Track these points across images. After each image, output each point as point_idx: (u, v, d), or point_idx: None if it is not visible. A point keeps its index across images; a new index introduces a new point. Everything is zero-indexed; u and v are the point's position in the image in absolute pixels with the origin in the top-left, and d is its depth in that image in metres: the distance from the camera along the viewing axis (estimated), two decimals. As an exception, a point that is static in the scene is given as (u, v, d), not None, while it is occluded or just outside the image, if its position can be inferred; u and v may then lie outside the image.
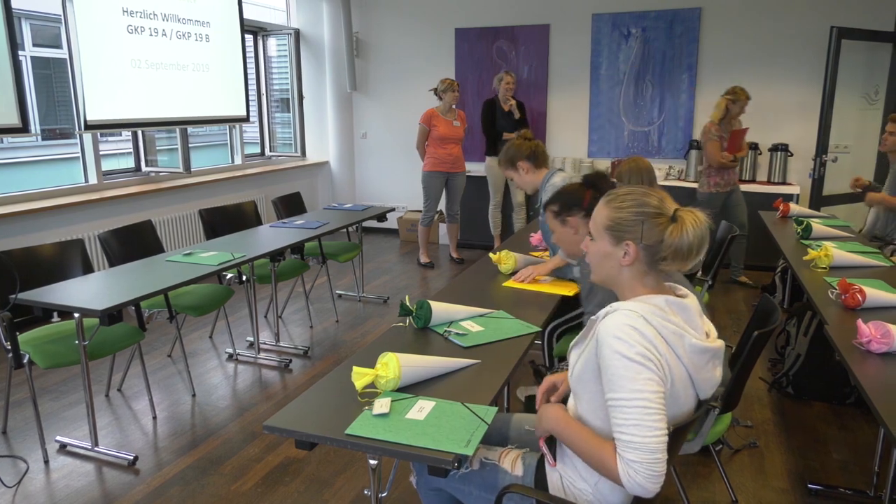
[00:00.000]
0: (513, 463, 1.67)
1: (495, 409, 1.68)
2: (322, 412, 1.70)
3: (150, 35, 5.15)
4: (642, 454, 1.29)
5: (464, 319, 2.34)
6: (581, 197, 2.29)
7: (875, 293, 2.53)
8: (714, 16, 6.00)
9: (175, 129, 5.75)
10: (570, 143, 6.68)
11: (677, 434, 1.44)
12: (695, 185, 5.89)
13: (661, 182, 5.92)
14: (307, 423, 1.63)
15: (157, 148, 5.94)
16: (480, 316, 2.40)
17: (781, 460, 2.89)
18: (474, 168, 6.36)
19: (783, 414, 3.31)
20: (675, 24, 6.09)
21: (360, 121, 7.58)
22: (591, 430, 1.46)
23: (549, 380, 1.81)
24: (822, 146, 5.30)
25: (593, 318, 1.46)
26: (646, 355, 1.32)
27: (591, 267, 1.56)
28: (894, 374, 1.97)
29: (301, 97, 7.53)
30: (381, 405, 1.65)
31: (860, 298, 2.47)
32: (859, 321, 2.15)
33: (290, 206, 4.94)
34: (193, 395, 3.53)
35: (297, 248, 4.32)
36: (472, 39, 6.83)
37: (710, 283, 3.31)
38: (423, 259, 6.20)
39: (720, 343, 1.47)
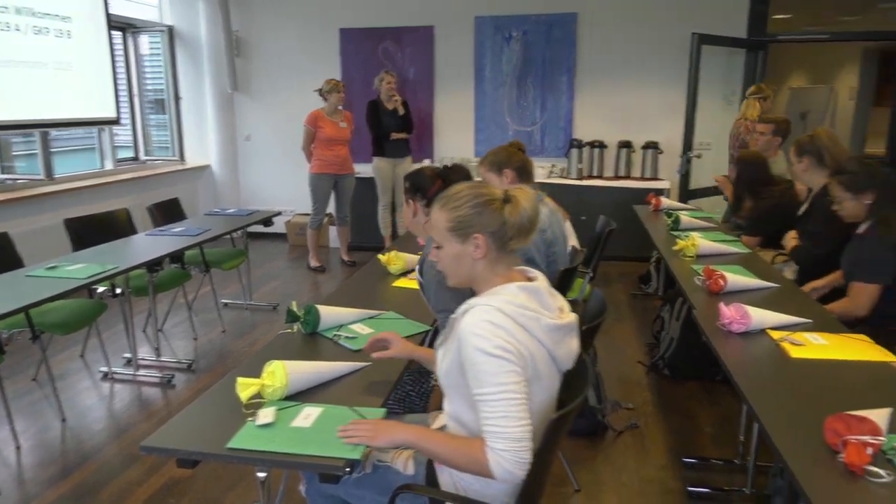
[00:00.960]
0: (405, 462, 1.67)
1: (383, 410, 1.68)
2: (206, 427, 1.62)
3: (2, 30, 4.71)
4: (510, 443, 1.37)
5: (354, 322, 2.32)
6: (430, 186, 2.33)
7: (735, 278, 2.75)
8: (589, 21, 6.29)
9: (34, 133, 5.29)
10: (456, 144, 6.78)
11: (562, 420, 1.50)
12: (577, 182, 6.17)
13: (544, 180, 6.15)
14: (189, 440, 1.55)
15: (14, 153, 5.45)
16: (371, 318, 2.38)
17: (660, 438, 3.08)
18: (362, 169, 6.32)
19: (661, 394, 3.53)
20: (554, 28, 6.33)
21: (242, 122, 7.32)
22: (447, 433, 1.53)
23: (382, 335, 1.85)
24: (687, 144, 5.70)
25: (453, 316, 1.51)
26: (505, 348, 1.39)
27: (446, 273, 1.60)
28: (752, 351, 2.16)
29: (178, 98, 7.16)
30: (266, 415, 1.60)
31: (722, 283, 2.68)
32: (721, 304, 2.32)
33: (168, 212, 4.68)
34: (63, 420, 3.26)
35: (177, 256, 4.10)
36: (357, 40, 6.78)
37: (591, 275, 3.46)
38: (314, 263, 6.08)
39: (573, 317, 1.57)
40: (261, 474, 1.61)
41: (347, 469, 1.43)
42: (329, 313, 2.27)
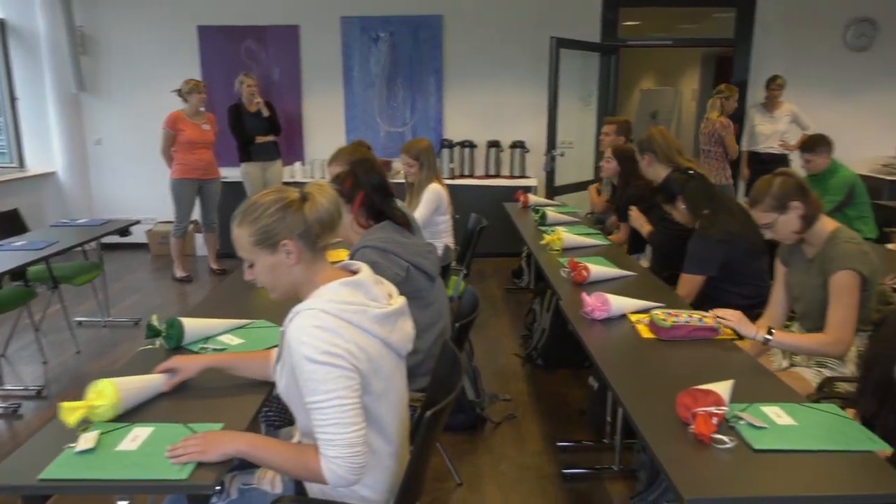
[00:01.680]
0: (272, 481, 1.61)
1: (220, 425, 1.59)
2: (49, 457, 1.48)
3: None
4: (342, 450, 1.37)
5: (222, 333, 2.21)
6: (343, 181, 2.29)
7: (597, 269, 2.92)
8: (454, 23, 6.42)
9: None
10: (327, 145, 6.62)
11: (436, 417, 1.52)
12: (449, 181, 6.27)
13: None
14: (11, 474, 1.42)
15: None
16: (241, 328, 2.28)
17: (536, 426, 3.20)
18: (230, 173, 6.06)
19: (535, 384, 3.67)
20: (420, 29, 6.40)
21: (92, 125, 6.77)
22: (282, 441, 1.51)
23: (174, 360, 1.80)
24: (551, 143, 5.97)
25: (281, 329, 1.48)
26: (332, 352, 1.37)
27: (268, 288, 1.54)
28: (613, 336, 2.30)
29: (14, 98, 6.51)
30: (86, 440, 1.48)
31: (585, 274, 2.83)
32: (584, 294, 2.46)
33: (7, 225, 4.24)
34: None
35: (19, 273, 3.72)
36: (218, 39, 6.48)
37: (465, 272, 3.54)
38: (179, 273, 5.75)
39: (401, 301, 1.58)
40: (121, 503, 1.50)
41: (217, 489, 1.37)
42: (195, 326, 2.15)
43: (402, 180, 4.12)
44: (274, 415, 2.24)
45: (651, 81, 10.34)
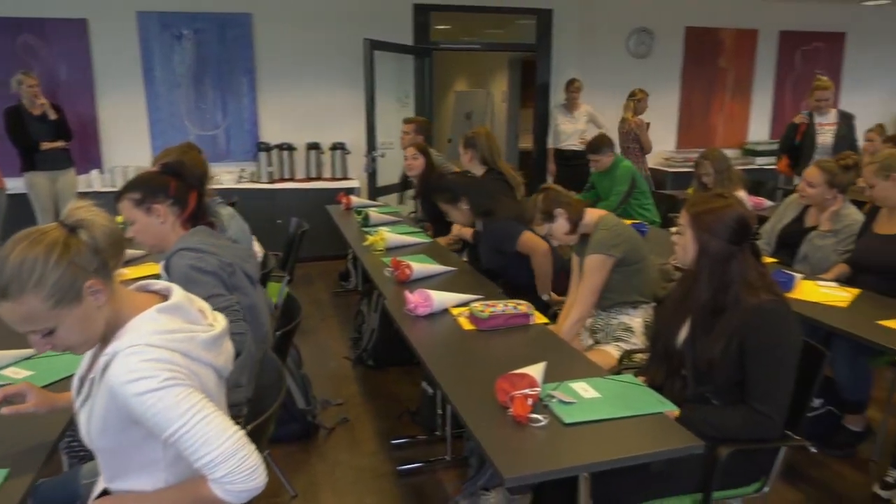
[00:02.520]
0: None
1: (4, 471, 1.42)
2: None
3: None
4: (228, 463, 1.23)
5: (8, 366, 1.95)
6: (165, 184, 2.10)
7: (420, 266, 2.98)
8: (264, 22, 6.20)
9: None
10: (130, 150, 6.12)
11: (258, 430, 1.46)
12: (268, 186, 6.06)
13: (234, 185, 5.92)
14: None
15: None
16: (27, 358, 2.02)
17: (370, 427, 3.20)
18: (14, 185, 5.35)
19: (368, 385, 3.67)
20: (228, 27, 6.10)
21: None
22: (160, 490, 1.34)
23: (15, 387, 1.58)
24: (371, 144, 6.00)
25: (91, 375, 1.33)
26: (171, 376, 1.23)
27: (75, 348, 1.31)
28: (437, 330, 2.36)
29: None
30: None
31: (408, 272, 2.88)
32: (406, 292, 2.50)
33: None
34: None
35: None
36: (-15, 31, 5.67)
37: (288, 278, 3.44)
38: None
39: (222, 320, 1.45)
40: None
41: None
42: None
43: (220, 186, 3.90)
44: (78, 445, 2.02)
45: (464, 83, 10.78)
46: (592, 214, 2.61)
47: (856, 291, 2.71)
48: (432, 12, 6.68)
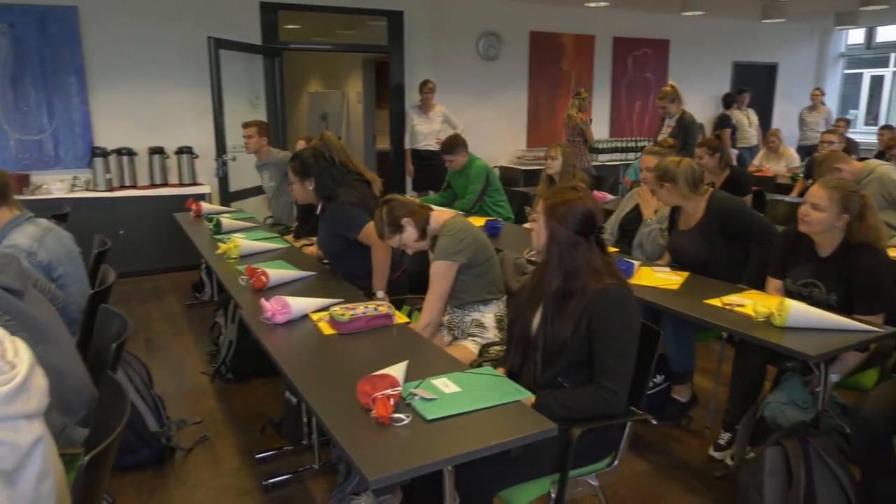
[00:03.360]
0: None
1: None
2: None
3: None
4: None
5: None
6: None
7: (277, 272, 2.89)
8: (93, 17, 5.70)
9: None
10: (-65, 159, 5.41)
11: (100, 459, 1.34)
12: (107, 194, 5.60)
13: (66, 195, 5.41)
14: None
15: None
16: None
17: (232, 443, 3.06)
18: None
19: (228, 399, 3.50)
20: (49, 22, 5.54)
21: None
22: None
23: None
24: (221, 147, 5.72)
25: None
26: None
27: None
28: (297, 338, 2.30)
29: None
30: None
31: (265, 280, 2.78)
32: (262, 299, 2.41)
33: None
34: None
35: None
36: None
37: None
38: None
39: (25, 353, 1.19)
40: None
41: None
42: None
43: None
44: None
45: (319, 84, 10.60)
46: (439, 217, 2.63)
47: (685, 275, 2.98)
48: (281, 11, 6.50)
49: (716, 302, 2.59)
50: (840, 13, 8.39)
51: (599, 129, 8.66)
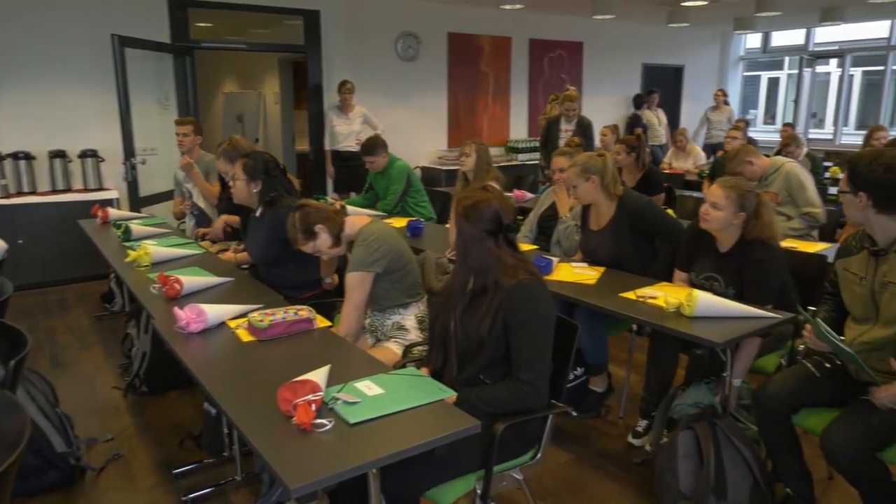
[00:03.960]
0: None
1: None
2: None
3: None
4: None
5: None
6: None
7: (191, 280, 2.78)
8: (-18, 12, 5.33)
9: None
10: None
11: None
12: (4, 202, 5.24)
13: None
14: None
15: None
16: None
17: (148, 459, 2.93)
18: None
19: (143, 414, 3.35)
20: (-68, 16, 5.14)
21: None
22: None
23: None
24: (129, 150, 5.46)
25: None
26: None
27: None
28: (214, 346, 2.23)
29: None
30: None
31: (178, 287, 2.67)
32: (175, 308, 2.32)
33: None
34: None
35: None
36: None
37: None
38: None
39: None
40: None
41: None
42: None
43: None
44: None
45: (234, 84, 10.29)
46: (355, 223, 2.59)
47: (601, 270, 3.08)
48: (191, 9, 6.27)
49: (630, 295, 2.69)
50: (738, 18, 8.89)
51: (518, 129, 8.84)
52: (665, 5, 7.94)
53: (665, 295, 2.58)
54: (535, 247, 3.63)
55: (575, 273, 3.04)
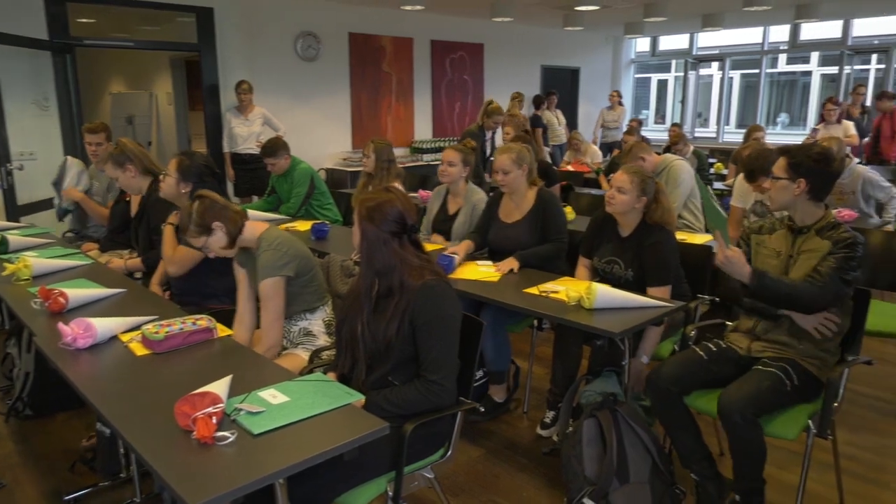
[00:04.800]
0: None
1: None
2: None
3: None
4: None
5: None
6: None
7: (78, 292, 2.60)
8: None
9: None
10: None
11: None
12: None
13: None
14: None
15: None
16: None
17: (35, 488, 2.72)
18: None
19: (27, 439, 3.11)
20: None
21: None
22: None
23: None
24: (4, 155, 5.04)
25: None
26: None
27: None
28: (104, 363, 2.09)
29: None
30: None
31: (63, 301, 2.50)
32: (59, 324, 2.17)
33: None
34: None
35: None
36: None
37: None
38: None
39: None
40: None
41: None
42: None
43: None
44: None
45: (122, 85, 9.75)
46: (252, 229, 2.48)
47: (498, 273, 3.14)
48: (70, 3, 5.88)
49: (533, 290, 2.77)
50: (628, 23, 9.35)
51: (423, 130, 8.88)
52: (560, 9, 8.23)
53: (567, 289, 2.67)
54: (439, 246, 3.65)
55: (479, 271, 3.09)
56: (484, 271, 3.09)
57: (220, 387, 1.72)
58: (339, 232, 4.16)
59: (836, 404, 2.29)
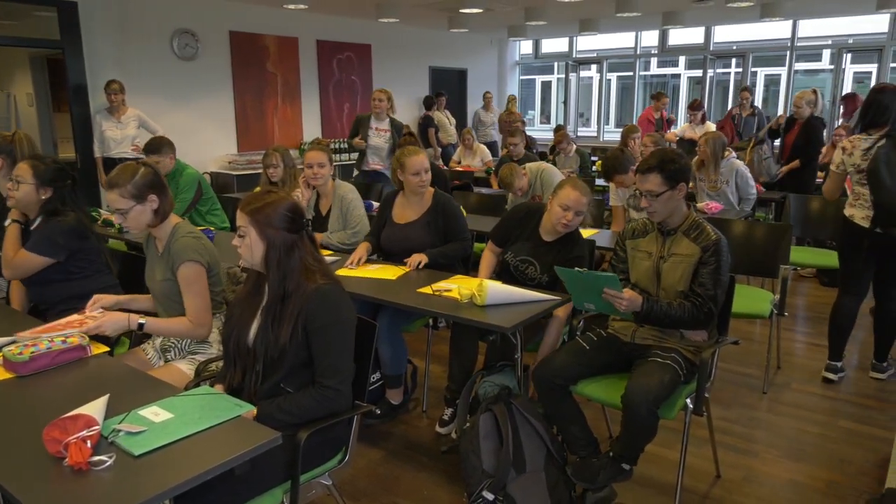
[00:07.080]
0: None
1: None
2: None
3: None
4: None
5: None
6: None
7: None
8: None
9: None
10: None
11: None
12: None
13: None
14: None
15: None
16: None
17: None
18: None
19: None
20: None
21: None
22: None
23: None
24: None
25: None
26: None
27: None
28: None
29: None
30: None
31: None
32: None
33: None
34: None
35: None
36: None
37: None
38: None
39: None
40: None
41: None
42: None
43: None
44: None
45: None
46: (171, 219, 2.40)
47: (403, 269, 3.14)
48: None
49: (427, 290, 2.78)
50: (511, 26, 9.62)
51: (311, 131, 8.71)
52: (445, 11, 8.33)
53: (458, 287, 2.71)
54: (329, 252, 3.59)
55: (373, 270, 3.07)
56: (377, 270, 3.07)
57: (94, 408, 1.60)
58: (224, 238, 3.98)
59: (708, 384, 2.47)
